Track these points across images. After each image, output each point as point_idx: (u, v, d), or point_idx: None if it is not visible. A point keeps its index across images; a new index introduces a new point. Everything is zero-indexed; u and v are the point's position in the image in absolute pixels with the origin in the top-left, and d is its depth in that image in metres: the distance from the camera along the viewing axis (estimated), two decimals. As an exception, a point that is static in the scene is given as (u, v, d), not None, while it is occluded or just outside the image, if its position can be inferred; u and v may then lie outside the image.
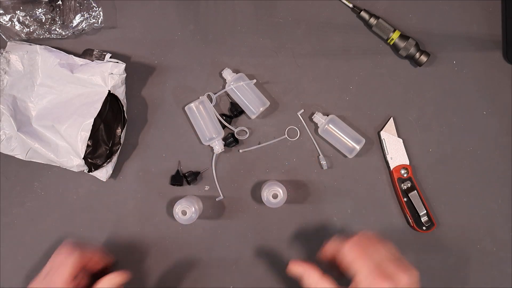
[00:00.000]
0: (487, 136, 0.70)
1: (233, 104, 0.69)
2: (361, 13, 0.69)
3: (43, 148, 0.62)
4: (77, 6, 0.67)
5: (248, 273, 0.67)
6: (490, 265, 0.68)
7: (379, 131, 0.69)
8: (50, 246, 0.67)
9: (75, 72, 0.63)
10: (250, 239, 0.68)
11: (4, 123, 0.63)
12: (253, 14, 0.71)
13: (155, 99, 0.69)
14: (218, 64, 0.70)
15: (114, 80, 0.63)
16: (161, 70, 0.70)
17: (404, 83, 0.71)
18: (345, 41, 0.71)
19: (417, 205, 0.67)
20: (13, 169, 0.68)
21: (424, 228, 0.67)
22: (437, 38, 0.71)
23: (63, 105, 0.64)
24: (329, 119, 0.67)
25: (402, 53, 0.69)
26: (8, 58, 0.65)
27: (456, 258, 0.68)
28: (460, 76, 0.71)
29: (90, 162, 0.64)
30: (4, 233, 0.67)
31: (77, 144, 0.61)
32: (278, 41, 0.71)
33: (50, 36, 0.68)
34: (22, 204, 0.68)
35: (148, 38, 0.70)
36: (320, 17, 0.71)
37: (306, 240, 0.68)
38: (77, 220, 0.68)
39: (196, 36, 0.70)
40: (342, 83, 0.70)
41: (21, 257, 0.67)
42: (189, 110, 0.68)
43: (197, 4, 0.71)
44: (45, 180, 0.68)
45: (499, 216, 0.69)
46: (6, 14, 0.66)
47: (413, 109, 0.70)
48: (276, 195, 0.64)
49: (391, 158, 0.68)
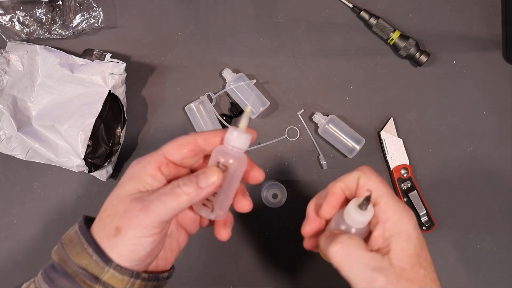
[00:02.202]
0: (487, 136, 0.70)
1: (233, 104, 0.69)
2: (361, 13, 0.69)
3: (43, 148, 0.62)
4: (77, 6, 0.67)
5: (248, 273, 0.67)
6: (490, 265, 0.68)
7: (379, 131, 0.69)
8: (50, 246, 0.67)
9: (75, 72, 0.63)
10: (250, 239, 0.68)
11: (4, 123, 0.63)
12: (253, 14, 0.71)
13: (155, 99, 0.69)
14: (218, 64, 0.70)
15: (114, 80, 0.63)
16: (161, 70, 0.70)
17: (404, 83, 0.71)
18: (345, 41, 0.71)
19: (417, 205, 0.67)
20: (13, 169, 0.68)
21: (424, 228, 0.67)
22: (437, 38, 0.71)
23: (63, 105, 0.64)
24: (329, 119, 0.67)
25: (402, 53, 0.69)
26: (8, 58, 0.65)
27: (456, 258, 0.68)
28: (460, 76, 0.71)
29: (90, 162, 0.64)
30: (4, 233, 0.67)
31: (77, 144, 0.61)
32: (278, 41, 0.71)
33: (50, 36, 0.68)
34: (22, 204, 0.68)
35: (148, 38, 0.70)
36: (320, 17, 0.71)
37: (306, 240, 0.68)
38: (77, 220, 0.68)
39: (196, 36, 0.70)
40: (342, 83, 0.70)
41: (21, 257, 0.67)
42: (189, 110, 0.68)
43: (197, 4, 0.71)
44: (45, 180, 0.68)
45: (499, 216, 0.69)
46: (6, 14, 0.66)
47: (413, 109, 0.70)
48: (276, 195, 0.64)
49: (391, 158, 0.68)
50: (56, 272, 0.35)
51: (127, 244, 0.34)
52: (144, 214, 0.34)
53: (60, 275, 0.35)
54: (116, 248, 0.34)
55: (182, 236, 0.42)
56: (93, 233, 0.36)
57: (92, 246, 0.34)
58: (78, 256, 0.34)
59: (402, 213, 0.37)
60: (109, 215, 0.35)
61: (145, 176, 0.36)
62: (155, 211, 0.34)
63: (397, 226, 0.37)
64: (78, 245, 0.35)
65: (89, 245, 0.34)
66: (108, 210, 0.36)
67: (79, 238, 0.35)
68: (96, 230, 0.36)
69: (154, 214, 0.34)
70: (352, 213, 0.36)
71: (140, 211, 0.34)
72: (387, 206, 0.37)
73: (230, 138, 0.37)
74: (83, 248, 0.35)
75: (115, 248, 0.34)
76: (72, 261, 0.34)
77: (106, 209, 0.36)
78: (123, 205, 0.35)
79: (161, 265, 0.40)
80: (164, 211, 0.34)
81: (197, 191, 0.35)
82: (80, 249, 0.35)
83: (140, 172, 0.36)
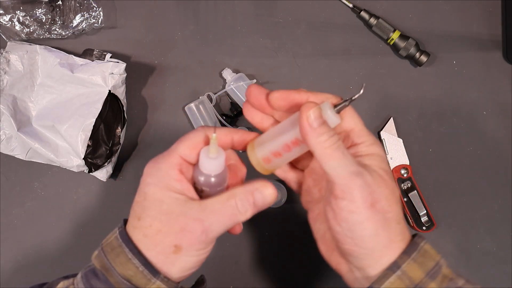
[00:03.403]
0: (487, 136, 0.70)
1: (233, 104, 0.69)
2: (361, 13, 0.69)
3: (43, 148, 0.62)
4: (77, 6, 0.67)
5: (248, 273, 0.67)
6: (490, 265, 0.68)
7: (379, 131, 0.69)
8: (50, 246, 0.67)
9: (75, 72, 0.63)
10: (250, 239, 0.68)
11: (4, 123, 0.63)
12: (253, 14, 0.71)
13: (155, 99, 0.69)
14: (218, 64, 0.70)
15: (115, 80, 0.63)
16: (161, 70, 0.70)
17: (404, 83, 0.71)
18: (345, 41, 0.71)
19: (417, 205, 0.67)
20: (13, 169, 0.68)
21: (424, 228, 0.67)
22: (437, 38, 0.71)
23: (63, 105, 0.64)
24: (329, 119, 0.67)
25: (402, 53, 0.69)
26: (8, 58, 0.65)
27: (456, 258, 0.68)
28: (460, 76, 0.71)
29: (90, 162, 0.64)
30: (4, 233, 0.67)
31: (77, 144, 0.61)
32: (278, 41, 0.71)
33: (50, 36, 0.68)
34: (22, 204, 0.68)
35: (148, 38, 0.70)
36: (320, 17, 0.71)
37: (307, 240, 0.68)
38: (77, 220, 0.68)
39: (196, 36, 0.70)
40: (342, 83, 0.70)
41: (21, 257, 0.67)
42: (189, 110, 0.67)
43: (197, 4, 0.71)
44: (45, 180, 0.68)
45: (499, 216, 0.69)
46: (6, 14, 0.66)
47: (413, 109, 0.70)
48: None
49: (391, 158, 0.68)
50: (98, 279, 0.35)
51: (187, 260, 0.35)
52: (205, 235, 0.35)
53: (102, 283, 0.35)
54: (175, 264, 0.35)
55: None
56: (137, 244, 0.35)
57: (137, 257, 0.34)
58: (123, 266, 0.34)
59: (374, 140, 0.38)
60: (158, 231, 0.35)
61: (173, 182, 0.36)
62: (215, 230, 0.35)
63: (371, 148, 0.37)
64: (122, 254, 0.35)
65: (134, 256, 0.34)
66: (156, 226, 0.35)
67: (121, 247, 0.35)
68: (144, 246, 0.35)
69: (214, 233, 0.35)
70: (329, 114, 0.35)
71: (201, 234, 0.34)
72: (361, 132, 0.38)
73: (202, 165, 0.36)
74: (127, 258, 0.35)
75: (176, 263, 0.35)
76: (116, 271, 0.34)
77: (151, 224, 0.35)
78: (176, 222, 0.35)
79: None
80: (222, 229, 0.35)
81: (254, 211, 0.36)
82: (125, 259, 0.35)
83: (167, 178, 0.36)
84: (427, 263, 0.34)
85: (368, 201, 0.33)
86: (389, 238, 0.34)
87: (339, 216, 0.34)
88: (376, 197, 0.34)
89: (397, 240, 0.35)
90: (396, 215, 0.35)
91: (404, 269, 0.34)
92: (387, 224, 0.34)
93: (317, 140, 0.34)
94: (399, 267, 0.34)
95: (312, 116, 0.34)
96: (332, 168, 0.34)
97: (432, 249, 0.36)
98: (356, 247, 0.34)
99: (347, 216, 0.34)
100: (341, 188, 0.34)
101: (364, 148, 0.37)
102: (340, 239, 0.35)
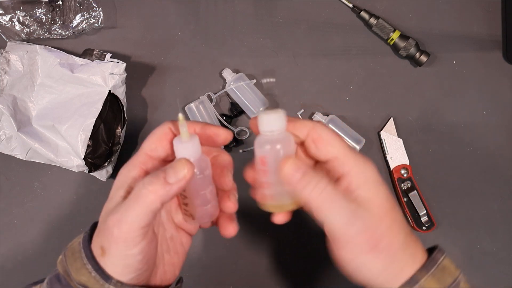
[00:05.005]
0: (487, 136, 0.70)
1: (233, 104, 0.69)
2: (361, 13, 0.69)
3: (43, 148, 0.62)
4: (77, 6, 0.67)
5: (248, 273, 0.67)
6: (490, 265, 0.68)
7: (379, 131, 0.69)
8: (50, 246, 0.67)
9: (75, 72, 0.63)
10: (250, 239, 0.68)
11: (4, 123, 0.63)
12: (253, 14, 0.71)
13: (155, 99, 0.69)
14: (218, 64, 0.70)
15: (115, 80, 0.63)
16: (161, 70, 0.70)
17: (404, 83, 0.71)
18: (345, 41, 0.71)
19: (417, 205, 0.67)
20: (13, 169, 0.68)
21: (424, 228, 0.67)
22: (437, 38, 0.71)
23: (63, 105, 0.64)
24: (329, 119, 0.67)
25: (402, 53, 0.69)
26: (8, 58, 0.65)
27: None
28: (460, 76, 0.71)
29: (90, 162, 0.64)
30: (4, 233, 0.67)
31: (77, 144, 0.61)
32: (278, 41, 0.71)
33: (50, 36, 0.68)
34: (22, 204, 0.68)
35: (148, 38, 0.70)
36: (320, 17, 0.71)
37: (307, 240, 0.68)
38: (77, 220, 0.68)
39: (196, 36, 0.70)
40: (342, 83, 0.70)
41: (21, 257, 0.67)
42: (189, 110, 0.67)
43: (197, 4, 0.71)
44: (45, 180, 0.68)
45: (499, 216, 0.69)
46: (6, 14, 0.66)
47: (413, 109, 0.70)
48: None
49: (391, 158, 0.68)
50: (60, 284, 0.34)
51: (116, 262, 0.33)
52: (117, 229, 0.31)
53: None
54: (107, 267, 0.33)
55: (184, 238, 0.40)
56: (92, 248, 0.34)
57: (91, 262, 0.33)
58: (78, 272, 0.33)
59: (362, 163, 0.35)
60: (98, 232, 0.34)
61: (133, 182, 0.34)
62: (128, 221, 0.31)
63: (361, 176, 0.34)
64: (79, 260, 0.34)
65: (88, 261, 0.33)
66: (99, 227, 0.34)
67: (80, 252, 0.34)
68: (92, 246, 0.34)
69: (128, 226, 0.31)
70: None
71: (113, 227, 0.32)
72: (346, 158, 0.35)
73: (177, 152, 0.34)
74: (82, 263, 0.33)
75: (107, 267, 0.33)
76: (72, 277, 0.34)
77: (99, 226, 0.34)
78: (103, 223, 0.33)
79: (170, 271, 0.39)
80: (136, 218, 0.31)
81: (166, 188, 0.32)
82: (80, 264, 0.33)
83: (127, 179, 0.34)
84: (446, 279, 0.35)
85: (369, 245, 0.33)
86: (399, 268, 0.34)
87: (343, 261, 0.34)
88: (378, 237, 0.33)
89: (408, 265, 0.34)
90: (402, 242, 0.34)
91: (422, 284, 0.33)
92: (395, 257, 0.34)
93: (305, 191, 0.33)
94: (417, 282, 0.34)
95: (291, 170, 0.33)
96: (328, 219, 0.33)
97: (452, 263, 0.36)
98: (368, 281, 0.34)
99: (350, 262, 0.34)
100: (339, 237, 0.33)
101: (354, 177, 0.34)
102: (350, 274, 0.35)
